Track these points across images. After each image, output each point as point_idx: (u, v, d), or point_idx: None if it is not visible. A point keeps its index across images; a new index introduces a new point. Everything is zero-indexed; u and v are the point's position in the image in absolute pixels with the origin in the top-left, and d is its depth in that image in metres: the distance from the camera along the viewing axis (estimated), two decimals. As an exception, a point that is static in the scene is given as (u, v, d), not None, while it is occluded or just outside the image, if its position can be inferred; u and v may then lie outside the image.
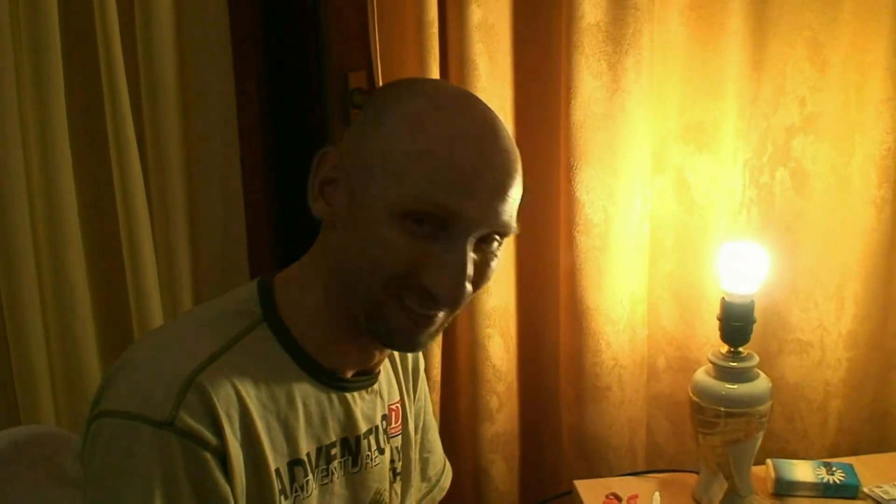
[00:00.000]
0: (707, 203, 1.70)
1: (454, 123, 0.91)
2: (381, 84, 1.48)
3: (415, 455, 1.17)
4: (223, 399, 0.90)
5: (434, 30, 1.51)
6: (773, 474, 1.59)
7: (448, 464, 1.28)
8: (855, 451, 1.79)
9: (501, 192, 0.91)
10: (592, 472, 1.73)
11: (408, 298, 0.92)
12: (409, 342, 0.97)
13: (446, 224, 0.89)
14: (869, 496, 1.56)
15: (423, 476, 1.22)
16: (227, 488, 0.90)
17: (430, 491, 1.23)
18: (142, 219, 1.42)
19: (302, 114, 1.60)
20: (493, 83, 1.58)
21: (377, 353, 1.04)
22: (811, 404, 1.82)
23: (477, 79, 1.55)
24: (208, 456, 0.88)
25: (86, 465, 0.90)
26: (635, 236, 1.67)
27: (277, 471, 0.95)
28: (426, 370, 1.61)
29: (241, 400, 0.91)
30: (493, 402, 1.70)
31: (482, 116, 0.94)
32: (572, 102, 1.58)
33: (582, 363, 1.70)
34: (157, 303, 1.46)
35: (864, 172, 1.70)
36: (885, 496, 1.55)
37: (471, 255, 0.91)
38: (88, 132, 1.42)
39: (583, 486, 1.61)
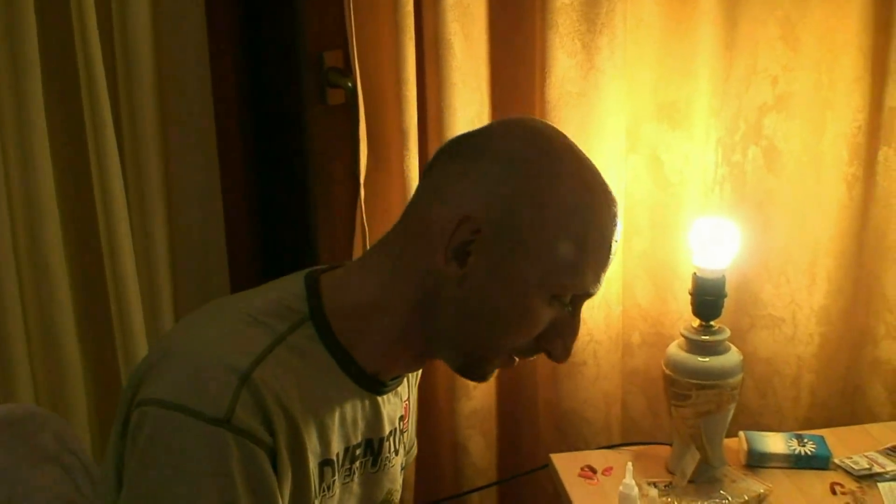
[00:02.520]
0: (680, 181, 1.72)
1: (603, 210, 0.96)
2: (356, 63, 1.48)
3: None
4: (275, 398, 0.89)
5: (409, 9, 1.51)
6: (745, 446, 1.61)
7: (415, 444, 1.30)
8: (828, 425, 1.81)
9: None
10: (568, 446, 1.74)
11: (521, 356, 0.99)
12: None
13: (577, 296, 0.97)
14: (840, 466, 1.59)
15: None
16: (276, 485, 0.89)
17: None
18: (118, 203, 1.42)
19: (278, 93, 1.61)
20: (468, 63, 1.58)
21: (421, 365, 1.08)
22: (784, 379, 1.85)
23: (452, 58, 1.55)
24: (262, 454, 0.87)
25: (128, 453, 0.89)
26: (610, 214, 1.68)
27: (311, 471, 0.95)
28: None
29: (289, 399, 0.90)
30: (471, 379, 1.72)
31: (603, 180, 0.99)
32: (547, 81, 1.59)
33: (558, 340, 1.71)
34: (135, 285, 1.47)
35: (836, 150, 1.73)
36: (854, 466, 1.58)
37: None
38: (65, 111, 1.43)
39: (559, 460, 1.64)
